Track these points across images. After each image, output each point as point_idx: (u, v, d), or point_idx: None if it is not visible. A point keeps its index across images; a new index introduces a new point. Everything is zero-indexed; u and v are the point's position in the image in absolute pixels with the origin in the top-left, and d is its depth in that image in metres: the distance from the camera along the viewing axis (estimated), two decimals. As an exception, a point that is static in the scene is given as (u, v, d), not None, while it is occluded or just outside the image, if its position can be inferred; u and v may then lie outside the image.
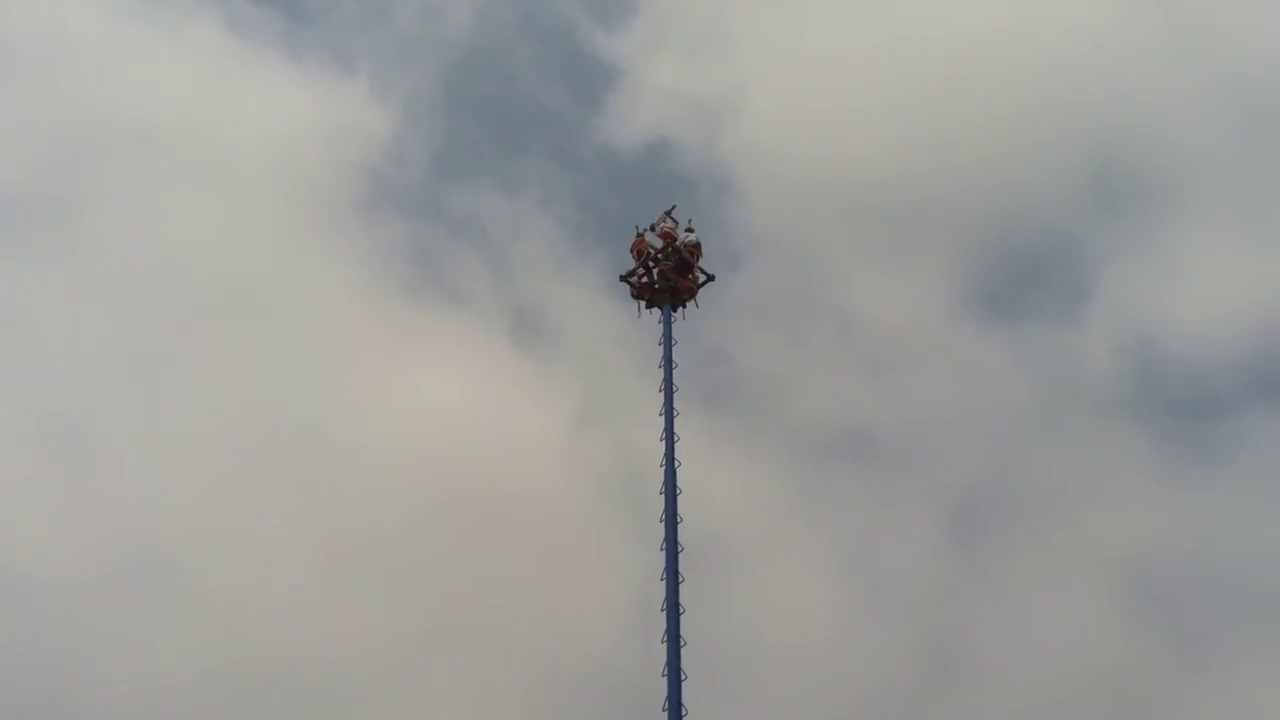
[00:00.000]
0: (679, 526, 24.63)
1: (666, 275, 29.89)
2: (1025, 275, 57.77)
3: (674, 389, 27.24)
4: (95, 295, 51.02)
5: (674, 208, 31.46)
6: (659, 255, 30.25)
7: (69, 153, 54.78)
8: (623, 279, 30.27)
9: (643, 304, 30.00)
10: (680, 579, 23.69)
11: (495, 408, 49.11)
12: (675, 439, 26.16)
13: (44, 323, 49.42)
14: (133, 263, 52.18)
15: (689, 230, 30.85)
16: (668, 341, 28.32)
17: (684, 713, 21.78)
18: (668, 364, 27.71)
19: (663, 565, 23.99)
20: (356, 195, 58.53)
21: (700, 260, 30.31)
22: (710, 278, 30.24)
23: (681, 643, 22.69)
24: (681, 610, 23.18)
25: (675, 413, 26.71)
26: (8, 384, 46.68)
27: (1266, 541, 44.63)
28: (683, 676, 22.21)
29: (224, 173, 56.28)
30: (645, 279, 30.09)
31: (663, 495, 25.21)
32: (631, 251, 30.49)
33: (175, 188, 54.91)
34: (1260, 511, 45.92)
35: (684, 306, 29.66)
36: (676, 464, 25.65)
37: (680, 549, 24.19)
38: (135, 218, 53.55)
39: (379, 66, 63.95)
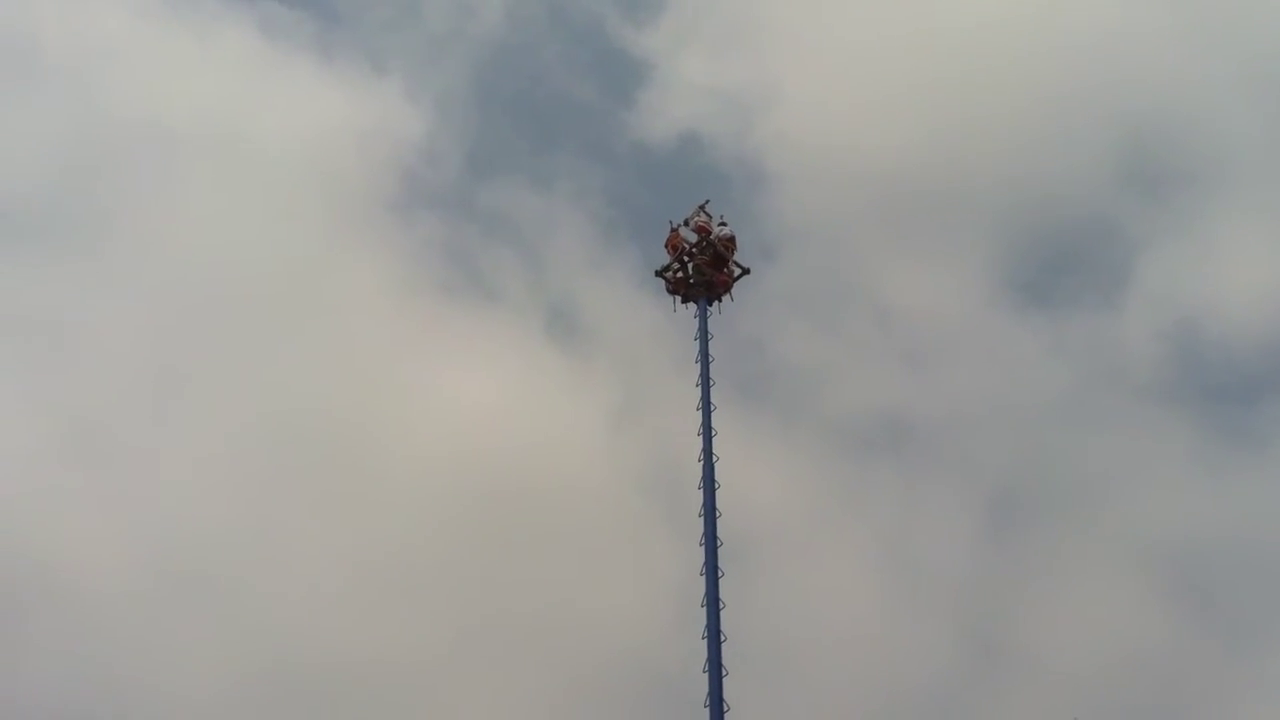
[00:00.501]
0: (718, 521, 24.61)
1: (702, 270, 29.86)
2: (1061, 262, 57.51)
3: (710, 383, 27.20)
4: (128, 301, 51.10)
5: (707, 202, 31.47)
6: (694, 250, 30.23)
7: (99, 157, 55.13)
8: (658, 274, 30.27)
9: (678, 299, 29.98)
10: (720, 574, 23.66)
11: (532, 406, 49.14)
12: (713, 433, 26.13)
13: (76, 330, 49.41)
14: (165, 268, 52.33)
15: (723, 224, 30.83)
16: (703, 336, 28.29)
17: (726, 708, 21.75)
18: (704, 358, 27.67)
19: (702, 560, 23.95)
20: (390, 195, 58.79)
21: (735, 254, 30.29)
22: (745, 271, 30.20)
23: (722, 638, 22.65)
24: (721, 605, 23.14)
25: (713, 407, 26.68)
26: (40, 392, 46.77)
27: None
28: (724, 672, 22.18)
29: (257, 176, 56.56)
30: (680, 274, 30.07)
31: (701, 490, 25.18)
32: (666, 246, 30.48)
33: (207, 192, 55.14)
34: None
35: (719, 301, 29.61)
36: (715, 458, 25.61)
37: (719, 544, 24.14)
38: (167, 222, 53.66)
39: (411, 66, 64.26)
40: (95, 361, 48.65)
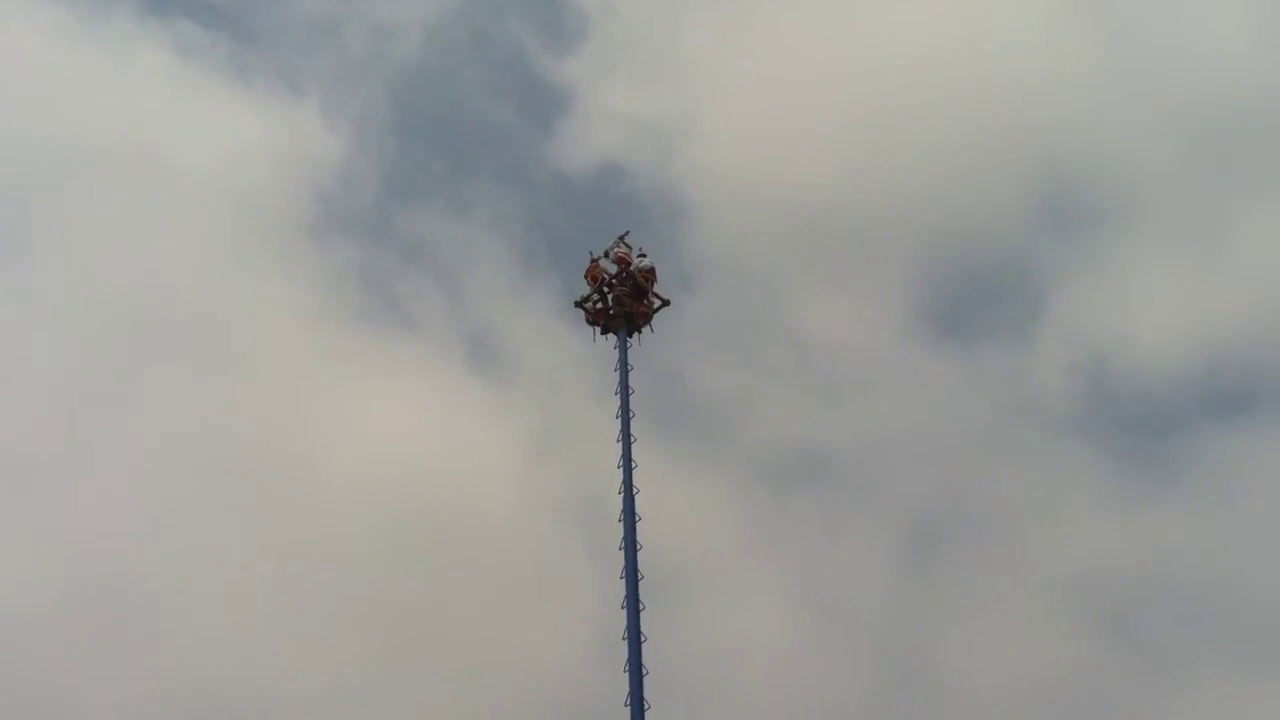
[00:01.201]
0: (639, 554, 24.49)
1: (622, 301, 29.85)
2: (977, 296, 58.23)
3: (631, 415, 27.09)
4: (42, 322, 50.43)
5: (627, 233, 31.50)
6: (614, 281, 30.23)
7: (13, 176, 54.15)
8: (578, 304, 30.20)
9: (598, 329, 29.91)
10: (641, 607, 23.51)
11: (451, 435, 48.93)
12: (633, 465, 26.03)
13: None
14: (81, 289, 51.61)
15: (642, 255, 30.87)
16: (623, 368, 28.18)
17: (647, 742, 21.65)
18: (624, 390, 27.53)
19: (623, 593, 23.78)
20: (307, 219, 58.24)
21: (654, 285, 30.31)
22: (666, 303, 30.21)
23: (644, 671, 22.50)
24: (643, 639, 22.99)
25: (633, 439, 26.57)
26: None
27: (1219, 557, 45.08)
28: (646, 706, 22.04)
29: (173, 197, 55.71)
30: (600, 305, 30.04)
31: (621, 523, 25.02)
32: (586, 277, 30.42)
33: (123, 213, 54.43)
34: (1212, 528, 46.40)
35: (639, 332, 29.60)
36: (635, 490, 25.49)
37: (640, 577, 24.02)
38: (82, 243, 53.01)
39: (328, 88, 63.82)
40: (10, 385, 47.76)
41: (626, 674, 22.51)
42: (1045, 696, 41.05)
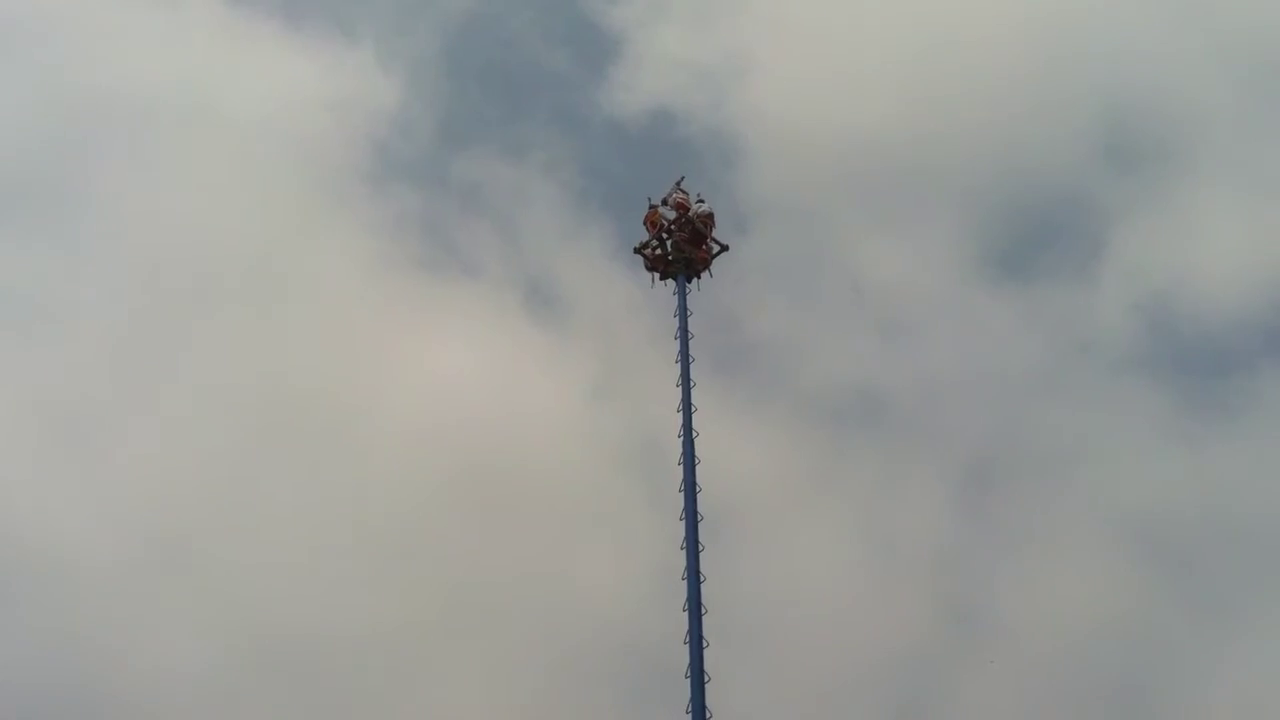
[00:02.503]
0: (698, 496, 24.85)
1: (680, 247, 30.06)
2: (1036, 236, 57.82)
3: (690, 360, 27.39)
4: (100, 275, 50.89)
5: (682, 179, 31.69)
6: (672, 227, 30.43)
7: (67, 131, 54.51)
8: (637, 251, 30.45)
9: (656, 275, 30.19)
10: (700, 548, 23.90)
11: (510, 380, 49.32)
12: (693, 409, 26.34)
13: (48, 305, 49.14)
14: (137, 241, 52.08)
15: (700, 201, 31.01)
16: (683, 313, 28.47)
17: (706, 679, 22.03)
18: (683, 336, 27.83)
19: (682, 535, 24.19)
20: (364, 167, 58.58)
21: (713, 230, 30.52)
22: (724, 248, 30.42)
23: (703, 610, 22.92)
24: (702, 579, 23.40)
25: (692, 383, 26.89)
26: (16, 368, 46.67)
27: (1278, 496, 44.85)
28: (704, 644, 22.46)
29: (228, 148, 56.08)
30: (659, 251, 30.28)
31: (681, 465, 25.40)
32: (645, 223, 30.68)
33: (177, 164, 54.80)
34: (1272, 468, 46.13)
35: (698, 277, 29.86)
36: (695, 434, 25.85)
37: (700, 518, 24.40)
38: (137, 196, 53.31)
39: (382, 34, 63.69)
40: (70, 339, 48.54)
41: (685, 613, 22.94)
42: (1103, 636, 41.21)
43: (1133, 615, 42.39)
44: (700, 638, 22.54)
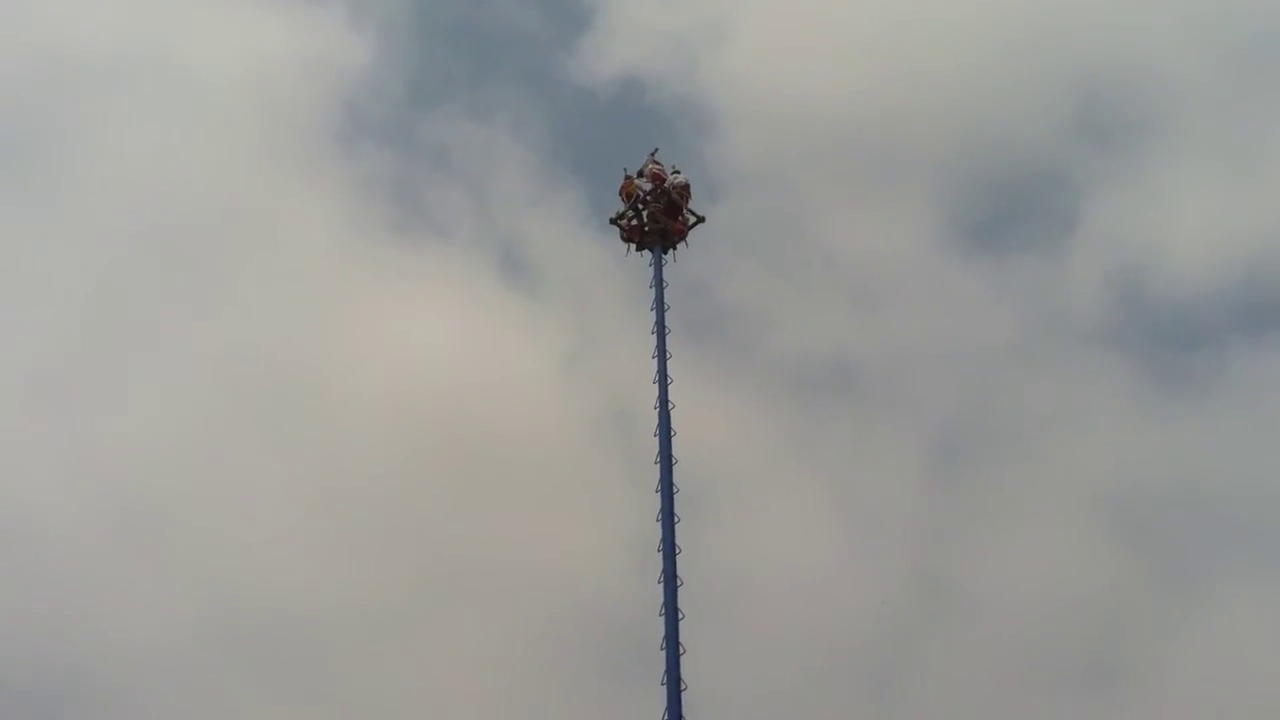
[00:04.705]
0: (674, 468, 24.82)
1: (657, 218, 29.96)
2: (1009, 208, 57.98)
3: (666, 331, 27.31)
4: (67, 237, 50.17)
5: (656, 150, 31.55)
6: (648, 198, 30.30)
7: (31, 91, 53.71)
8: (613, 221, 30.30)
9: (632, 246, 30.06)
10: (676, 519, 23.89)
11: (484, 348, 49.16)
12: (669, 381, 26.30)
13: (14, 268, 48.68)
14: (103, 203, 51.44)
15: (676, 172, 30.89)
16: (659, 285, 28.36)
17: (681, 651, 21.98)
18: (659, 307, 27.73)
19: (658, 506, 24.16)
20: (334, 127, 58.08)
21: (689, 202, 30.39)
22: (700, 219, 30.31)
23: (678, 582, 22.92)
24: (678, 551, 23.40)
25: (668, 354, 26.83)
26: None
27: (1246, 471, 45.22)
28: (680, 615, 22.43)
29: (197, 107, 55.48)
30: (635, 222, 30.15)
31: (657, 437, 25.37)
32: (620, 194, 30.53)
33: (145, 125, 54.18)
34: (1241, 442, 46.51)
35: (674, 249, 29.76)
36: (671, 406, 25.81)
37: (675, 490, 24.37)
38: (105, 155, 52.64)
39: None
40: (37, 302, 48.06)
41: (661, 585, 22.91)
42: (1073, 608, 41.55)
43: (1101, 588, 42.75)
44: (675, 609, 22.49)
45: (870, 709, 38.96)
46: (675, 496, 24.27)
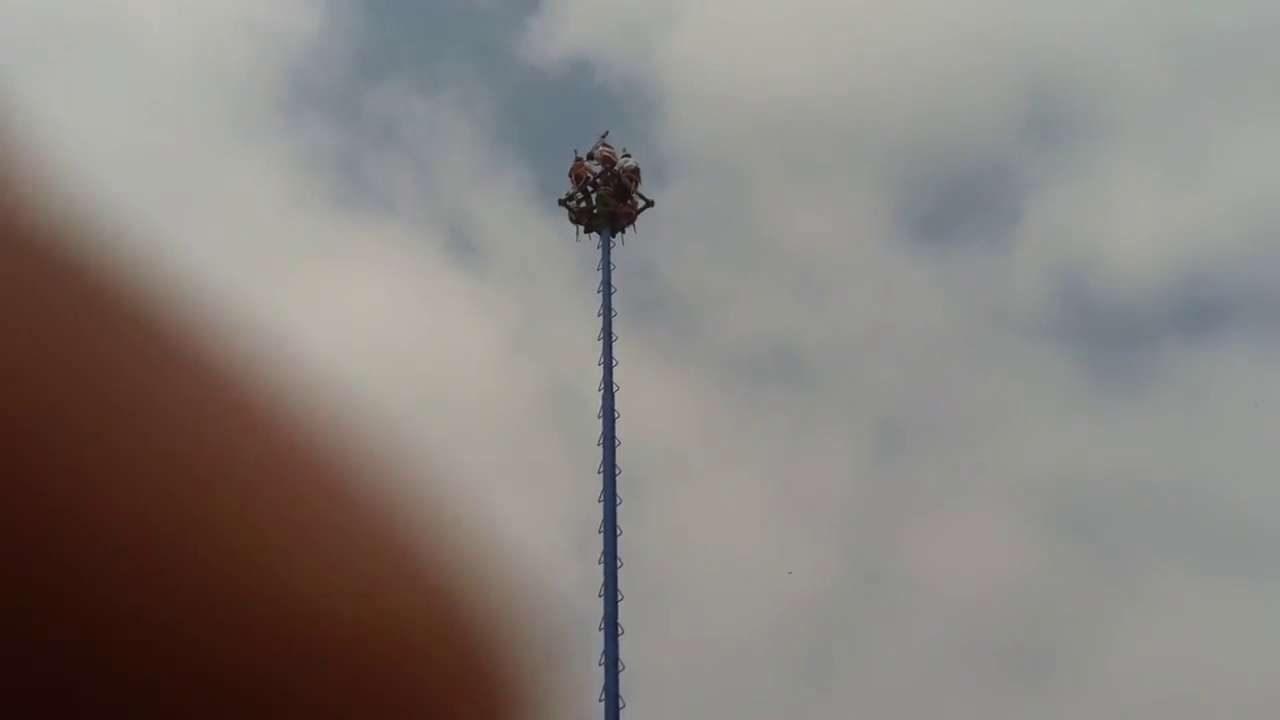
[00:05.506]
0: (616, 450, 25.04)
1: (606, 201, 30.08)
2: (955, 200, 58.80)
3: (612, 314, 27.49)
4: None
5: (607, 133, 31.67)
6: (598, 180, 30.41)
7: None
8: (562, 203, 30.40)
9: (581, 229, 30.17)
10: (618, 501, 24.11)
11: (429, 326, 49.19)
12: (614, 363, 26.50)
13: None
14: (41, 165, 50.83)
15: (626, 155, 31.00)
16: (606, 268, 28.50)
17: (620, 631, 22.28)
18: (606, 290, 27.89)
19: (599, 487, 24.35)
20: (280, 95, 57.80)
21: (638, 186, 30.54)
22: (650, 203, 30.47)
23: (619, 564, 23.18)
24: (619, 532, 23.64)
25: (614, 337, 27.04)
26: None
27: (1181, 466, 46.13)
28: (619, 596, 22.72)
29: (142, 71, 55.15)
30: (584, 204, 30.25)
31: (600, 418, 25.56)
32: (570, 175, 30.60)
33: (91, 88, 53.80)
34: (1176, 437, 47.42)
35: (622, 232, 29.90)
36: (615, 388, 26.00)
37: (618, 472, 24.60)
38: (44, 117, 52.05)
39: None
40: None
41: (601, 566, 23.15)
42: (1006, 594, 42.30)
43: (1035, 576, 43.57)
44: (615, 590, 22.76)
45: (806, 688, 39.52)
46: (617, 478, 24.49)
